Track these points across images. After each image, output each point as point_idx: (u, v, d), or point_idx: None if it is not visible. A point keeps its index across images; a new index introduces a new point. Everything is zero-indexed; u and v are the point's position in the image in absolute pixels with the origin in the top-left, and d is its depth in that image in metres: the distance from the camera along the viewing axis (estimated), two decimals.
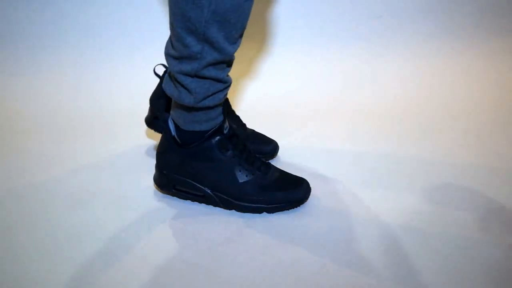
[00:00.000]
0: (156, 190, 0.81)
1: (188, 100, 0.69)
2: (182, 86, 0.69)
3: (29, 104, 1.25)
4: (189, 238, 0.67)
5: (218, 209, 0.75)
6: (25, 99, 1.27)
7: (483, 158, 0.94)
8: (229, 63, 0.69)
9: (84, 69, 1.33)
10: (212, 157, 0.74)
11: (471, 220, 0.71)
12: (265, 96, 1.30)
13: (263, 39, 1.36)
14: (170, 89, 0.71)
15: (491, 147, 1.00)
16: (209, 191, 0.75)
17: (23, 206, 0.76)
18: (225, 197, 0.74)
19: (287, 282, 0.57)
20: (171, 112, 0.76)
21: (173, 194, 0.78)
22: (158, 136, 1.01)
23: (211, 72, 0.67)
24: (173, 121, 0.75)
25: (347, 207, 0.75)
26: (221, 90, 0.71)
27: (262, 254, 0.63)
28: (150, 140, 1.05)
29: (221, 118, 0.74)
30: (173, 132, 0.75)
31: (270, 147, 0.94)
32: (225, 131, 0.74)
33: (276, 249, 0.64)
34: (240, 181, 0.74)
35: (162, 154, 0.77)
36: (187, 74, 0.67)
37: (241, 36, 0.67)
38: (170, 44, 0.68)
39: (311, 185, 0.77)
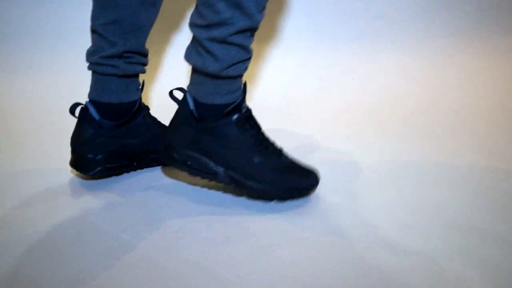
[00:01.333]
0: (156, 190, 0.81)
1: (213, 67, 0.70)
2: (208, 52, 0.70)
3: (28, 104, 1.25)
4: (189, 238, 0.67)
5: (218, 208, 0.75)
6: (24, 99, 1.27)
7: (484, 158, 0.94)
8: (253, 32, 0.71)
9: (83, 69, 1.33)
10: (229, 135, 0.74)
11: (474, 220, 0.71)
12: (266, 95, 1.30)
13: (263, 39, 1.36)
14: (193, 58, 0.72)
15: (491, 147, 1.00)
16: (221, 170, 0.75)
17: (23, 206, 0.76)
18: (237, 176, 0.74)
19: (287, 282, 0.57)
20: (189, 86, 0.76)
21: (182, 169, 0.77)
22: None
23: (239, 38, 0.69)
24: (191, 95, 0.75)
25: (348, 207, 0.75)
26: (244, 60, 0.73)
27: (262, 254, 0.63)
28: None
29: (240, 93, 0.76)
30: (191, 106, 0.75)
31: None
32: (243, 110, 0.75)
33: (276, 249, 0.64)
34: (255, 161, 0.74)
35: (175, 128, 0.76)
36: (214, 39, 0.68)
37: (265, 7, 0.70)
38: (196, 14, 0.69)
39: None
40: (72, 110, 0.82)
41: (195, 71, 0.75)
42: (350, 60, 1.41)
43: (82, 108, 0.82)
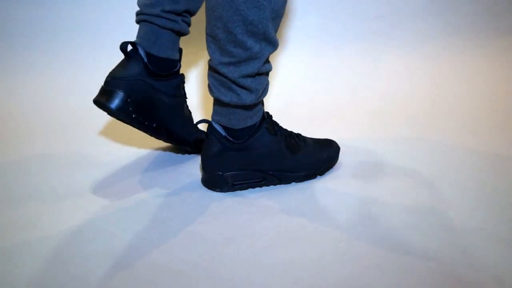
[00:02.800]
0: (156, 191, 0.81)
1: (250, 99, 0.72)
2: (243, 88, 0.71)
3: (27, 104, 1.25)
4: (189, 238, 0.67)
5: (217, 208, 0.75)
6: (23, 99, 1.27)
7: (484, 157, 0.94)
8: None
9: (82, 69, 1.33)
10: (265, 142, 0.78)
11: (474, 220, 0.71)
12: (267, 97, 1.30)
13: None
14: (227, 97, 0.73)
15: (492, 146, 1.00)
16: (268, 174, 0.79)
17: (24, 206, 0.76)
18: (283, 174, 0.80)
19: (287, 282, 0.57)
20: (215, 117, 0.78)
21: (233, 190, 0.80)
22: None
23: (266, 67, 0.72)
24: (219, 125, 0.77)
25: (348, 208, 0.75)
26: (268, 81, 0.76)
27: (262, 254, 0.63)
28: (148, 140, 1.05)
29: (262, 105, 0.79)
30: (223, 133, 0.77)
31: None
32: (266, 117, 0.79)
33: (276, 249, 0.64)
34: (293, 154, 0.80)
35: (215, 157, 0.78)
36: (248, 76, 0.70)
37: None
38: (221, 52, 0.69)
39: (309, 185, 0.77)
40: (123, 46, 0.81)
41: (223, 103, 0.75)
42: (350, 60, 1.41)
43: (132, 49, 0.82)
